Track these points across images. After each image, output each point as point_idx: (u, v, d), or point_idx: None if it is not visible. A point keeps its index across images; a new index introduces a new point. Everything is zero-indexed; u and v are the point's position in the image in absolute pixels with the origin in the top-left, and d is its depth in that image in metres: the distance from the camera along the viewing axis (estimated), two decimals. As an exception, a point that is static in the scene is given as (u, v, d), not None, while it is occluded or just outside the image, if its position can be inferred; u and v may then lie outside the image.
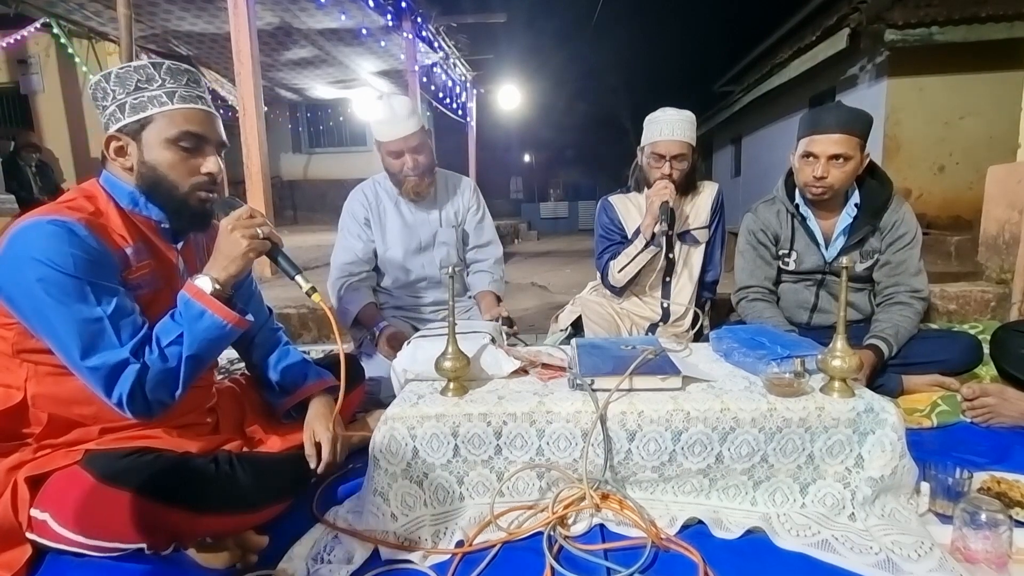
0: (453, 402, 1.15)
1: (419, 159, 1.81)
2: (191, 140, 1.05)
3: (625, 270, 1.87)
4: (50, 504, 0.93)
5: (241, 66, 3.40)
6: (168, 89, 1.04)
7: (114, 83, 1.03)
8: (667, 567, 0.98)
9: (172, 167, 1.04)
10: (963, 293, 2.62)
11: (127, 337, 0.96)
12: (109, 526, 0.91)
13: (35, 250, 0.91)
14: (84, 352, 0.93)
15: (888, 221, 1.70)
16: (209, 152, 1.08)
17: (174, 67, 1.06)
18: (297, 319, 2.66)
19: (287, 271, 1.10)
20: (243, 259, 1.04)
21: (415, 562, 1.00)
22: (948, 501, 1.08)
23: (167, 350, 0.98)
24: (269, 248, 1.08)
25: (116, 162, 1.06)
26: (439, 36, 6.80)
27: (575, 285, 3.56)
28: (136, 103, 1.02)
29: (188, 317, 0.99)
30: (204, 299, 1.00)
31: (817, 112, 1.66)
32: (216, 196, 1.10)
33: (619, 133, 16.26)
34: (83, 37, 5.99)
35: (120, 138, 1.04)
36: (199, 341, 1.00)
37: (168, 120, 1.03)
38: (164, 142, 1.03)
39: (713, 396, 1.13)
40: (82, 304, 0.93)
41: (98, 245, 0.96)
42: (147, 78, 1.03)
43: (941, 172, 5.33)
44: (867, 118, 1.62)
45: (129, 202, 1.06)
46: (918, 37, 4.78)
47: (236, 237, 1.03)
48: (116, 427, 1.03)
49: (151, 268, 1.07)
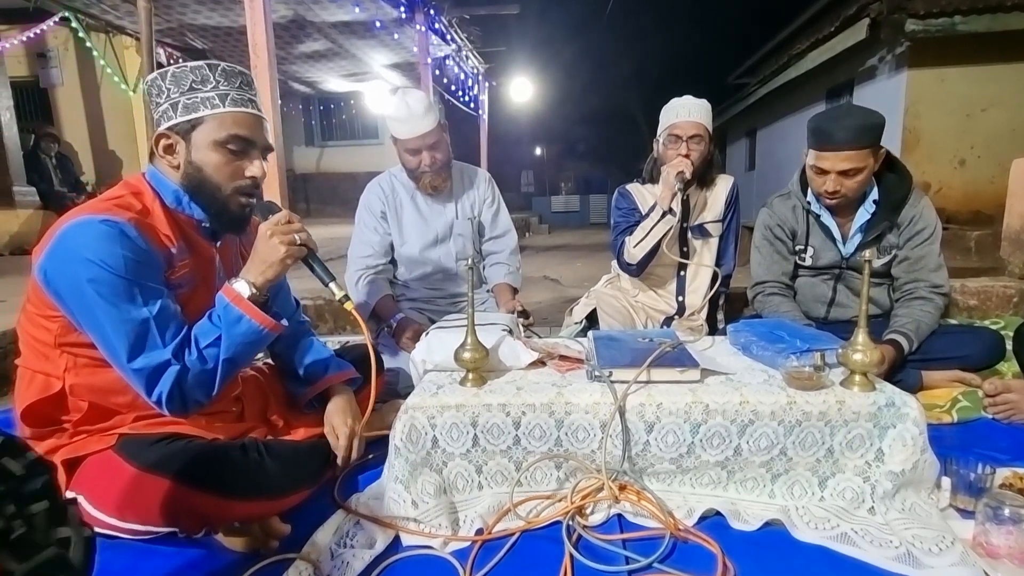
0: (472, 392, 1.16)
1: (436, 156, 1.81)
2: (239, 143, 1.06)
3: (641, 244, 1.83)
4: (85, 487, 0.96)
5: (257, 59, 3.42)
6: (221, 91, 1.05)
7: (170, 81, 1.04)
8: (686, 557, 0.98)
9: (217, 169, 1.06)
10: (984, 288, 2.58)
11: (170, 338, 0.98)
12: (144, 510, 0.93)
13: (87, 250, 0.92)
14: (131, 353, 0.95)
15: (906, 216, 1.67)
16: (255, 156, 1.09)
17: (229, 69, 1.06)
18: (314, 310, 2.69)
19: (321, 278, 1.12)
20: (280, 265, 1.05)
21: (435, 548, 1.02)
22: (970, 496, 1.08)
23: (205, 352, 1.00)
24: (306, 254, 1.10)
25: (164, 159, 1.07)
26: (452, 28, 6.77)
27: (587, 279, 3.57)
28: (189, 103, 1.03)
29: (226, 321, 1.01)
30: (242, 304, 1.02)
31: (824, 122, 1.58)
32: (256, 200, 1.12)
33: (631, 126, 16.12)
34: (101, 31, 6.06)
35: (170, 136, 1.05)
36: (236, 345, 1.02)
37: (218, 122, 1.04)
38: (212, 144, 1.05)
39: (732, 389, 1.13)
40: (130, 305, 0.95)
41: (146, 246, 0.98)
42: (202, 79, 1.04)
43: (962, 166, 5.22)
44: (876, 125, 1.54)
45: (173, 200, 1.08)
46: (940, 27, 4.67)
47: (275, 243, 1.04)
48: (149, 414, 1.05)
49: (191, 267, 1.08)
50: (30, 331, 1.02)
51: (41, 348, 1.01)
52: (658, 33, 16.50)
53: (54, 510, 0.55)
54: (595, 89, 17.42)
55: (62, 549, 0.53)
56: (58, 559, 0.52)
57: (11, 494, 0.53)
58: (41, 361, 1.02)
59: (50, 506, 0.54)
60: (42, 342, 1.01)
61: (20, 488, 0.54)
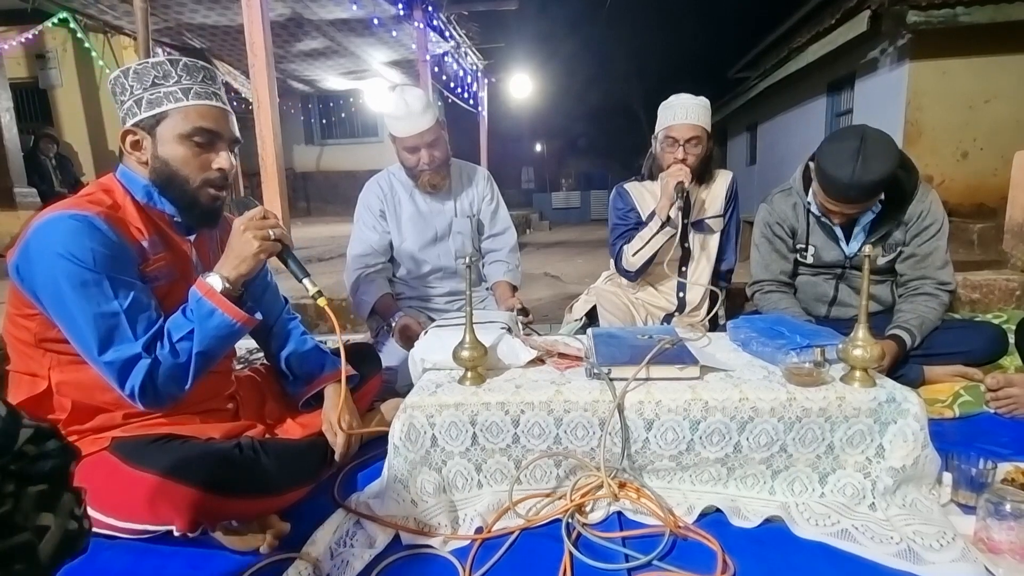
0: (471, 391, 1.16)
1: (435, 154, 1.81)
2: (204, 136, 1.06)
3: (640, 253, 1.84)
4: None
5: (255, 58, 3.41)
6: (184, 86, 1.05)
7: (132, 79, 1.04)
8: (685, 555, 0.98)
9: (185, 162, 1.06)
10: (987, 282, 2.56)
11: (142, 331, 0.98)
12: (141, 509, 0.94)
13: (57, 244, 0.93)
14: (101, 346, 0.95)
15: (913, 212, 1.62)
16: (221, 148, 1.09)
17: (191, 64, 1.07)
18: (313, 310, 2.68)
19: (295, 273, 1.13)
20: (254, 259, 1.06)
21: (435, 547, 1.02)
22: (971, 492, 1.07)
23: (178, 345, 1.00)
24: (280, 250, 1.10)
25: (132, 156, 1.08)
26: (450, 25, 6.75)
27: (588, 275, 3.56)
28: (152, 98, 1.04)
29: (199, 315, 1.02)
30: (214, 298, 1.02)
31: (836, 176, 1.46)
32: (226, 193, 1.12)
33: (632, 122, 16.05)
34: (99, 31, 6.05)
35: (136, 132, 1.06)
36: (209, 338, 1.02)
37: (182, 116, 1.05)
38: (177, 137, 1.05)
39: (731, 385, 1.12)
40: (100, 298, 0.95)
41: (117, 238, 0.98)
42: (164, 74, 1.04)
43: (964, 158, 5.19)
44: (887, 180, 1.46)
45: (144, 195, 1.09)
46: (942, 18, 4.63)
47: (248, 237, 1.05)
48: (138, 413, 1.05)
49: (167, 261, 1.09)
50: (13, 333, 1.03)
51: (24, 348, 1.02)
52: (658, 27, 16.40)
53: (48, 495, 0.53)
54: (595, 84, 17.34)
55: (35, 537, 0.51)
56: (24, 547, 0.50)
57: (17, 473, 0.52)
58: (26, 362, 1.03)
59: (45, 490, 0.53)
60: (24, 342, 1.02)
61: (27, 468, 0.53)
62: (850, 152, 1.45)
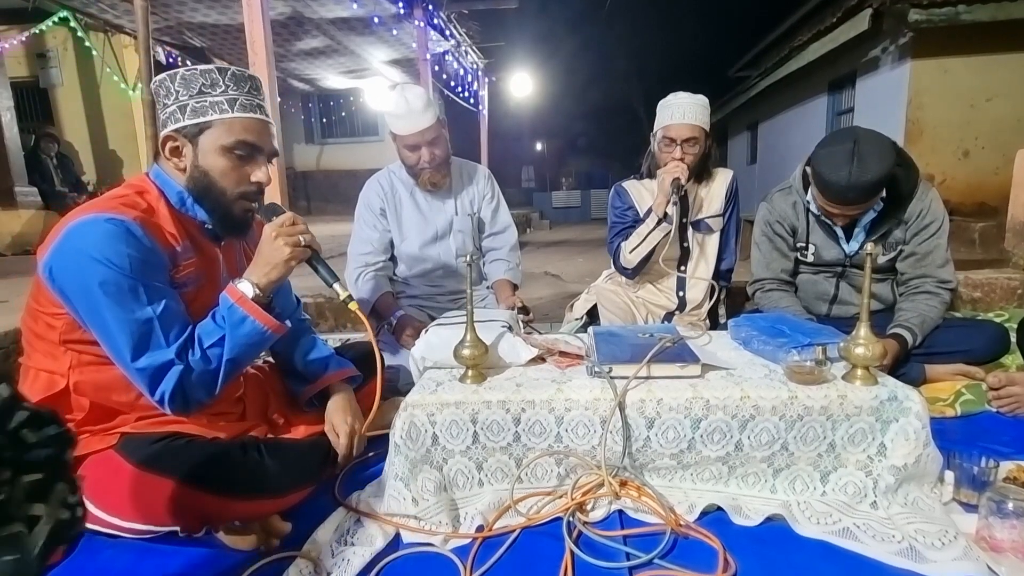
0: (472, 389, 1.15)
1: (436, 152, 1.81)
2: (246, 149, 1.06)
3: (637, 250, 1.84)
4: (86, 486, 0.96)
5: (255, 56, 3.40)
6: (230, 96, 1.04)
7: (179, 84, 1.03)
8: (687, 553, 0.98)
9: (224, 174, 1.06)
10: (988, 280, 2.56)
11: (173, 338, 0.98)
12: (145, 509, 0.94)
13: (93, 248, 0.92)
14: (134, 352, 0.95)
15: (913, 210, 1.62)
16: (261, 162, 1.09)
17: (239, 74, 1.07)
18: (315, 308, 2.68)
19: (325, 279, 1.13)
20: (285, 266, 1.06)
21: (436, 545, 1.02)
22: (973, 490, 1.07)
23: (209, 352, 1.00)
24: (310, 256, 1.10)
25: (170, 161, 1.07)
26: (450, 24, 6.74)
27: (588, 274, 3.56)
28: (198, 106, 1.03)
29: (231, 322, 1.01)
30: (246, 305, 1.02)
31: (833, 180, 1.45)
32: (258, 204, 1.12)
33: (632, 120, 16.02)
34: (99, 30, 6.05)
35: (177, 139, 1.05)
36: (240, 345, 1.02)
37: (227, 127, 1.04)
38: (220, 149, 1.05)
39: (733, 384, 1.12)
40: (135, 304, 0.95)
41: (151, 244, 0.98)
42: (211, 83, 1.04)
43: (966, 157, 5.18)
44: (885, 179, 1.46)
45: (177, 201, 1.08)
46: (944, 16, 4.62)
47: (279, 244, 1.05)
48: (152, 414, 1.05)
49: (196, 266, 1.09)
50: (34, 329, 1.02)
51: (46, 346, 1.01)
52: (659, 26, 16.38)
53: (43, 484, 0.52)
54: (595, 83, 17.32)
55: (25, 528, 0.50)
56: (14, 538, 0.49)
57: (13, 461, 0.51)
58: (46, 359, 1.02)
59: (41, 479, 0.52)
60: (47, 340, 1.01)
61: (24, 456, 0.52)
62: (845, 155, 1.45)
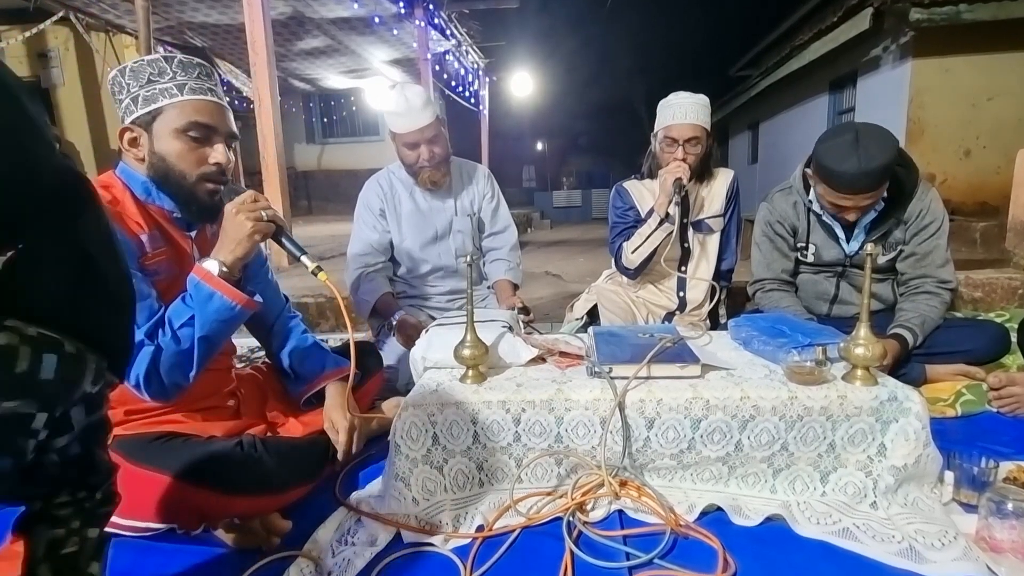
0: (472, 389, 1.16)
1: (435, 150, 1.80)
2: (200, 130, 1.07)
3: (639, 250, 1.84)
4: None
5: (256, 56, 3.41)
6: (179, 82, 1.06)
7: (129, 77, 1.05)
8: (686, 553, 0.98)
9: (180, 157, 1.07)
10: (989, 280, 2.56)
11: (142, 320, 0.99)
12: (143, 507, 0.94)
13: None
14: None
15: (913, 210, 1.62)
16: (217, 142, 1.10)
17: (185, 60, 1.08)
18: (315, 308, 2.69)
19: (292, 252, 1.13)
20: (248, 241, 1.06)
21: (436, 545, 1.02)
22: (973, 490, 1.07)
23: (180, 332, 1.01)
24: (274, 230, 1.10)
25: (130, 153, 1.09)
26: (451, 23, 6.74)
27: (589, 274, 3.55)
28: (148, 95, 1.05)
29: (198, 299, 1.02)
30: (212, 281, 1.03)
31: (843, 170, 1.46)
32: (225, 188, 1.12)
33: (633, 120, 16.02)
34: (101, 30, 6.05)
35: (133, 129, 1.07)
36: (210, 323, 1.02)
37: (177, 111, 1.06)
38: (173, 132, 1.06)
39: (733, 384, 1.12)
40: None
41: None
42: (159, 71, 1.05)
43: (967, 156, 5.17)
44: (893, 164, 1.46)
45: (143, 192, 1.09)
46: (945, 16, 4.61)
47: (241, 219, 1.05)
48: (140, 409, 1.06)
49: (166, 256, 1.09)
50: None
51: None
52: (660, 25, 16.37)
53: None
54: (596, 82, 17.30)
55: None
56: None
57: None
58: None
59: None
60: None
61: None
62: (848, 144, 1.47)
